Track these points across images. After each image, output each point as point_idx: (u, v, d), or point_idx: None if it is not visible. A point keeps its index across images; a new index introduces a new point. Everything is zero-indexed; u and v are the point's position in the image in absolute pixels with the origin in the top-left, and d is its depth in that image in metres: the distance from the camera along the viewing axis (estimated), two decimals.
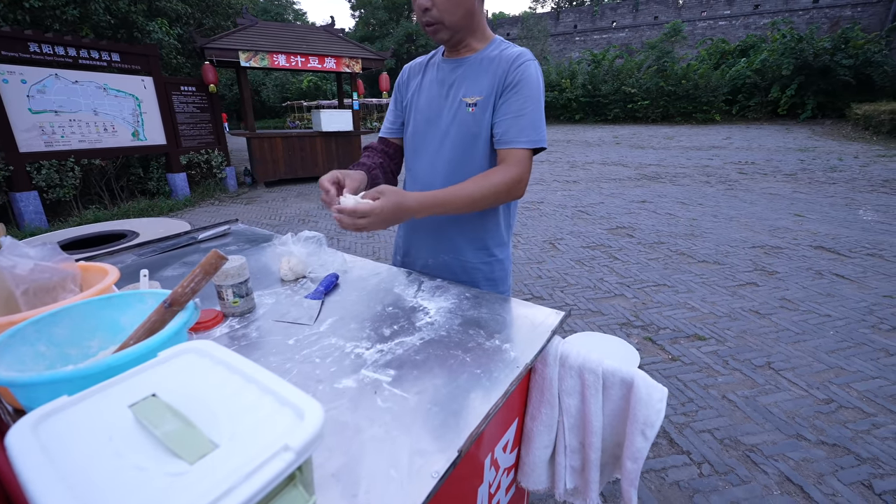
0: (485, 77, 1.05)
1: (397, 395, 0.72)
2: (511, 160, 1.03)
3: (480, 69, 1.06)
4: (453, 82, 1.10)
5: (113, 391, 0.49)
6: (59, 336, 0.65)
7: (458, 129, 1.09)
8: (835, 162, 8.44)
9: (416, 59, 1.24)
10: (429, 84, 1.15)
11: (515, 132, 1.02)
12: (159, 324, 0.61)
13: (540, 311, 1.00)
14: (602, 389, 0.86)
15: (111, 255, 1.44)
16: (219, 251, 0.64)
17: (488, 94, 1.05)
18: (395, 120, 1.25)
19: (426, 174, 1.16)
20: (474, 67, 1.07)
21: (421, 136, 1.16)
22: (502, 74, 1.03)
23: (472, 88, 1.06)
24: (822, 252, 3.90)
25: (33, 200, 5.35)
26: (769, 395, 2.06)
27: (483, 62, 1.07)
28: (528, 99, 1.01)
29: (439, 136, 1.12)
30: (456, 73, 1.09)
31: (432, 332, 0.91)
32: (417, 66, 1.21)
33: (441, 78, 1.12)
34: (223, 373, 0.52)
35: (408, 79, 1.22)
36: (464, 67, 1.08)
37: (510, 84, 1.02)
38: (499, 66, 1.04)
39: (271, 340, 0.90)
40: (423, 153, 1.17)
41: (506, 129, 1.03)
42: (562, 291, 3.27)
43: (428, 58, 1.21)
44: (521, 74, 1.01)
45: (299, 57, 7.50)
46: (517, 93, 1.01)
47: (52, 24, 6.37)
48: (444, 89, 1.11)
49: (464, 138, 1.09)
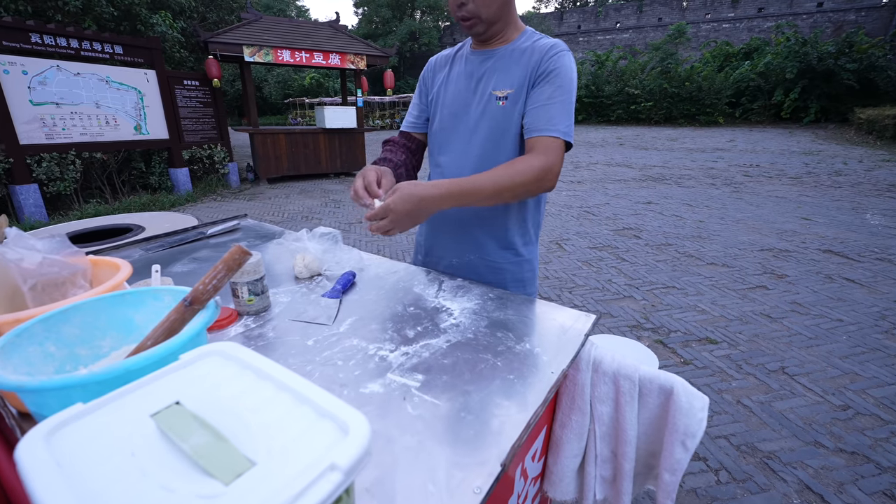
0: (516, 68, 1.00)
1: (427, 401, 0.68)
2: (538, 148, 0.96)
3: (511, 61, 1.01)
4: (482, 75, 1.05)
5: (132, 398, 0.44)
6: (69, 335, 0.60)
7: (488, 124, 1.04)
8: (840, 166, 8.41)
9: (441, 52, 1.20)
10: (456, 77, 1.10)
11: (545, 121, 0.96)
12: (179, 323, 0.56)
13: (568, 313, 0.96)
14: (638, 397, 0.82)
15: (117, 249, 1.39)
16: (242, 246, 0.59)
17: (520, 87, 1.00)
18: (419, 114, 1.20)
19: (454, 171, 1.11)
20: (505, 59, 1.02)
21: (448, 132, 1.11)
22: (535, 65, 0.98)
23: (502, 81, 1.01)
24: (830, 256, 3.86)
25: (33, 193, 5.29)
26: (784, 400, 2.02)
27: (514, 53, 1.02)
28: (559, 89, 0.96)
29: (468, 131, 1.07)
30: (485, 66, 1.05)
31: (458, 335, 0.87)
32: (443, 58, 1.17)
33: (469, 71, 1.07)
34: (252, 378, 0.48)
35: (433, 72, 1.18)
36: (494, 59, 1.04)
37: (543, 74, 0.97)
38: (531, 57, 0.99)
39: (289, 341, 0.85)
40: (451, 149, 1.11)
41: (535, 118, 0.97)
42: (570, 292, 3.23)
43: (455, 50, 1.15)
44: (554, 64, 0.96)
45: (304, 52, 7.44)
46: (549, 82, 0.97)
47: (53, 15, 6.31)
48: (473, 82, 1.06)
49: (493, 133, 1.04)
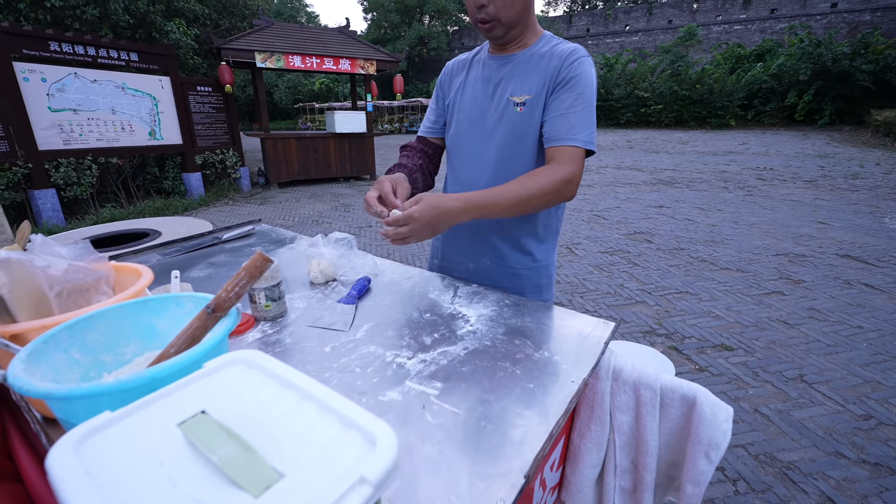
0: (534, 74, 0.99)
1: (447, 409, 0.67)
2: (560, 158, 0.95)
3: (529, 66, 1.00)
4: (500, 80, 1.04)
5: (158, 406, 0.45)
6: (94, 342, 0.61)
7: (505, 130, 1.03)
8: (856, 169, 8.26)
9: (457, 57, 1.19)
10: (473, 82, 1.09)
11: (566, 129, 0.95)
12: (202, 331, 0.56)
13: (586, 320, 0.95)
14: (660, 406, 0.80)
15: (135, 254, 1.41)
16: (264, 252, 0.59)
17: (538, 93, 0.98)
18: (437, 119, 1.20)
19: (470, 176, 1.10)
20: (523, 64, 1.01)
21: (465, 137, 1.11)
22: (554, 71, 0.97)
23: (520, 87, 1.00)
24: (849, 261, 3.78)
25: (51, 198, 5.39)
26: (804, 409, 1.98)
27: (532, 59, 1.01)
28: (580, 97, 0.95)
29: (484, 136, 1.07)
30: (503, 71, 1.04)
31: (476, 342, 0.86)
32: (460, 63, 1.16)
33: (486, 75, 1.06)
34: (276, 387, 0.48)
35: (450, 76, 1.17)
36: (511, 65, 1.03)
37: (562, 81, 0.96)
38: (550, 63, 0.97)
39: (306, 347, 0.85)
40: (467, 154, 1.11)
41: (555, 127, 0.96)
42: (581, 297, 3.20)
43: (472, 54, 1.15)
44: (574, 70, 0.95)
45: (314, 58, 7.52)
46: (570, 90, 0.95)
47: (72, 24, 6.45)
48: (490, 87, 1.05)
49: (511, 139, 1.03)
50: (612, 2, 42.35)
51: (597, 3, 44.18)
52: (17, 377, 0.46)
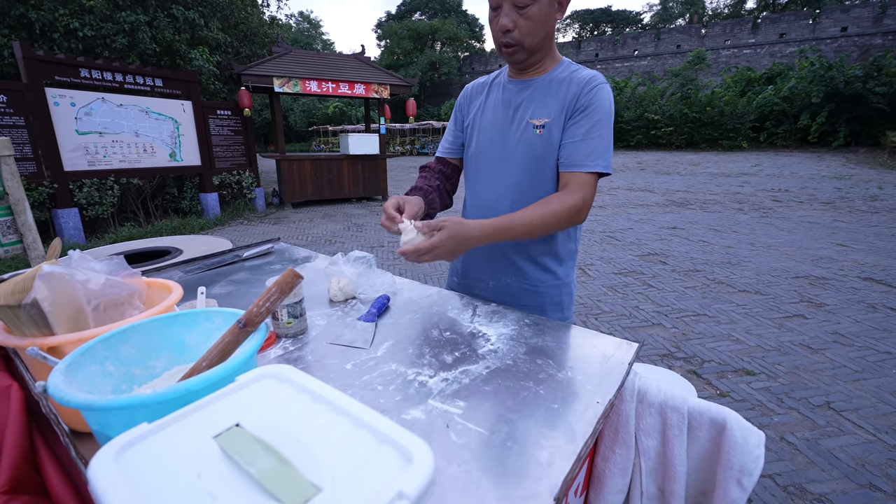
0: (553, 99, 1.02)
1: (471, 429, 0.67)
2: (573, 185, 0.99)
3: (549, 91, 1.04)
4: (520, 104, 1.07)
5: (194, 419, 0.45)
6: (127, 355, 0.62)
7: (525, 151, 1.05)
8: (875, 190, 8.14)
9: (476, 80, 1.23)
10: (493, 105, 1.12)
11: (581, 156, 0.99)
12: (233, 345, 0.57)
13: (608, 340, 0.94)
14: (688, 430, 0.78)
15: (159, 271, 1.44)
16: (294, 269, 0.60)
17: (557, 116, 1.02)
18: (455, 140, 1.23)
19: (489, 195, 1.13)
20: (542, 89, 1.05)
21: (485, 157, 1.13)
22: (573, 97, 1.00)
23: (539, 110, 1.04)
24: (872, 284, 3.69)
25: (73, 217, 5.55)
26: (833, 438, 1.90)
27: (552, 84, 1.04)
28: (597, 123, 0.98)
29: (504, 157, 1.09)
30: (523, 95, 1.07)
31: (497, 361, 0.86)
32: (479, 85, 1.19)
33: (507, 99, 1.09)
34: (307, 402, 0.48)
35: (469, 98, 1.20)
36: (531, 89, 1.06)
37: (581, 107, 0.99)
38: (569, 89, 1.01)
39: (328, 364, 0.86)
40: (487, 174, 1.13)
41: (571, 153, 1.00)
42: (596, 319, 3.16)
43: (491, 78, 1.18)
44: (592, 97, 0.98)
45: (330, 83, 7.75)
46: (587, 116, 0.98)
47: (101, 52, 6.76)
48: (510, 111, 1.08)
49: (530, 160, 1.05)
50: (621, 27, 43.21)
51: (605, 28, 45.11)
52: (58, 388, 0.47)
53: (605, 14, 45.24)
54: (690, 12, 40.16)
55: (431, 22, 36.30)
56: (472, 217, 1.16)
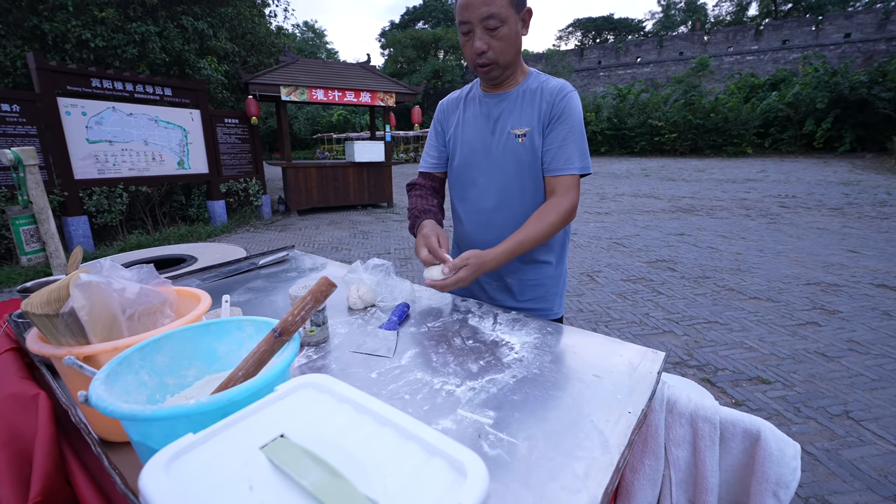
0: (529, 109, 1.12)
1: (504, 440, 0.66)
2: (560, 189, 1.11)
3: (524, 102, 1.13)
4: (499, 116, 1.16)
5: (238, 429, 0.45)
6: (161, 364, 0.62)
7: (509, 159, 1.15)
8: (883, 196, 8.08)
9: (448, 96, 1.32)
10: (473, 118, 1.21)
11: (563, 161, 1.10)
12: (269, 354, 0.57)
13: (634, 349, 0.93)
14: (719, 441, 0.77)
15: (174, 279, 1.44)
16: (329, 278, 0.60)
17: (536, 125, 1.12)
18: (440, 155, 1.31)
19: (478, 202, 1.22)
20: (518, 101, 1.14)
21: (470, 168, 1.22)
22: (548, 107, 1.10)
23: (518, 120, 1.13)
24: (885, 291, 3.65)
25: (83, 225, 5.59)
26: (853, 448, 1.87)
27: (526, 95, 1.13)
28: (571, 129, 1.09)
29: (491, 166, 1.18)
30: (501, 107, 1.16)
31: (523, 370, 0.85)
32: (453, 101, 1.28)
33: (485, 112, 1.18)
34: (350, 412, 0.48)
35: (446, 114, 1.29)
36: (507, 101, 1.15)
37: (555, 116, 1.09)
38: (543, 99, 1.11)
39: (353, 373, 0.85)
40: (474, 183, 1.22)
41: (553, 158, 1.11)
42: (606, 326, 3.14)
43: (464, 93, 1.27)
44: (564, 106, 1.09)
45: (336, 91, 7.81)
46: (562, 123, 1.09)
47: (112, 62, 6.85)
48: (491, 123, 1.17)
49: (516, 167, 1.15)
50: (623, 35, 43.42)
51: (608, 36, 45.34)
52: (101, 398, 0.47)
53: (607, 22, 45.50)
54: (693, 20, 40.33)
55: (435, 31, 36.61)
56: (467, 224, 1.28)
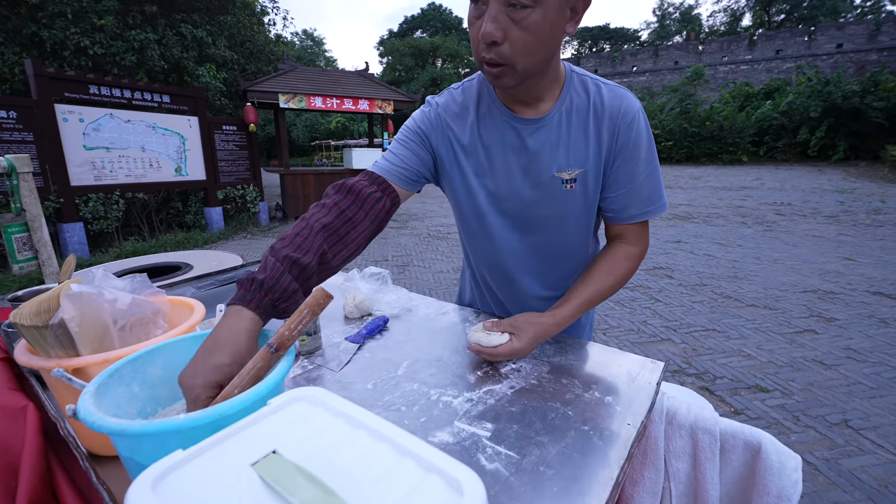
0: (581, 140, 0.81)
1: (502, 453, 0.65)
2: (631, 238, 0.90)
3: (571, 128, 0.81)
4: (538, 151, 0.82)
5: (229, 445, 0.44)
6: (153, 376, 0.61)
7: (550, 210, 0.87)
8: (878, 204, 8.15)
9: (446, 94, 0.91)
10: (497, 148, 0.85)
11: (637, 207, 0.85)
12: (265, 370, 0.56)
13: (633, 359, 0.92)
14: (720, 453, 0.76)
15: (169, 287, 1.42)
16: (324, 289, 0.60)
17: (593, 165, 0.82)
18: (412, 165, 0.86)
19: (501, 262, 0.97)
20: (563, 127, 0.81)
21: (494, 216, 0.91)
22: (610, 139, 0.80)
23: (566, 159, 0.82)
24: (881, 298, 3.66)
25: (78, 231, 5.56)
26: (853, 457, 1.86)
27: (571, 117, 0.80)
28: (645, 163, 0.82)
29: (520, 219, 0.91)
30: (539, 139, 0.82)
31: (521, 381, 0.84)
32: (460, 107, 0.87)
33: (514, 143, 0.83)
34: (345, 426, 0.47)
35: (444, 126, 0.88)
36: (547, 129, 0.81)
37: (622, 148, 0.80)
38: (601, 124, 0.80)
39: (348, 384, 0.84)
40: (495, 241, 0.94)
41: (625, 205, 0.86)
42: (604, 334, 3.13)
43: (473, 100, 0.86)
44: (634, 131, 0.79)
45: (335, 99, 7.85)
46: (633, 157, 0.81)
47: (111, 69, 6.87)
48: (523, 159, 0.84)
49: (557, 219, 0.89)
50: (619, 44, 43.93)
51: (604, 45, 45.85)
52: (89, 412, 0.46)
53: (603, 31, 46.04)
54: (687, 30, 40.84)
55: (433, 39, 36.95)
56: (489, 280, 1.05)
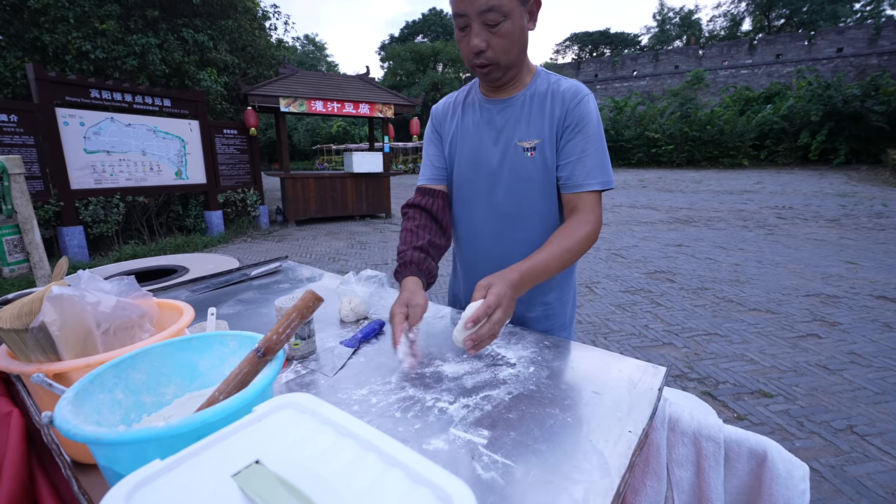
0: (539, 117, 0.98)
1: (499, 461, 0.63)
2: (583, 208, 0.96)
3: (533, 109, 0.99)
4: (503, 125, 1.02)
5: (210, 455, 0.41)
6: (137, 381, 0.59)
7: (515, 175, 1.02)
8: (879, 208, 8.12)
9: (443, 99, 1.16)
10: (473, 127, 1.06)
11: (583, 175, 0.96)
12: (251, 375, 0.54)
13: (633, 364, 0.90)
14: (724, 461, 0.74)
15: (165, 290, 1.41)
16: (315, 291, 0.58)
17: (548, 136, 0.98)
18: (440, 165, 1.14)
19: (478, 226, 1.10)
20: (525, 107, 1.00)
21: (471, 184, 1.08)
22: (561, 114, 0.96)
23: (527, 131, 0.99)
24: (885, 302, 3.63)
25: (78, 235, 5.56)
26: (858, 464, 1.83)
27: (534, 100, 0.99)
28: (590, 138, 0.96)
29: (492, 184, 1.05)
30: (505, 115, 1.02)
31: (519, 386, 0.82)
32: (451, 107, 1.13)
33: (487, 119, 1.04)
34: (332, 435, 0.45)
35: (441, 122, 1.14)
36: (513, 108, 1.01)
37: (571, 124, 0.96)
38: (555, 105, 0.97)
39: (342, 389, 0.82)
40: (473, 205, 1.09)
41: (571, 174, 0.97)
42: (605, 338, 3.10)
43: (462, 96, 1.12)
44: (581, 112, 0.95)
45: (335, 103, 7.85)
46: (579, 132, 0.95)
47: (112, 73, 6.89)
48: (494, 133, 1.03)
49: (520, 183, 1.02)
50: (619, 49, 44.07)
51: (604, 50, 46.01)
52: (65, 420, 0.44)
53: (603, 36, 46.21)
54: (687, 34, 40.98)
55: (433, 44, 37.12)
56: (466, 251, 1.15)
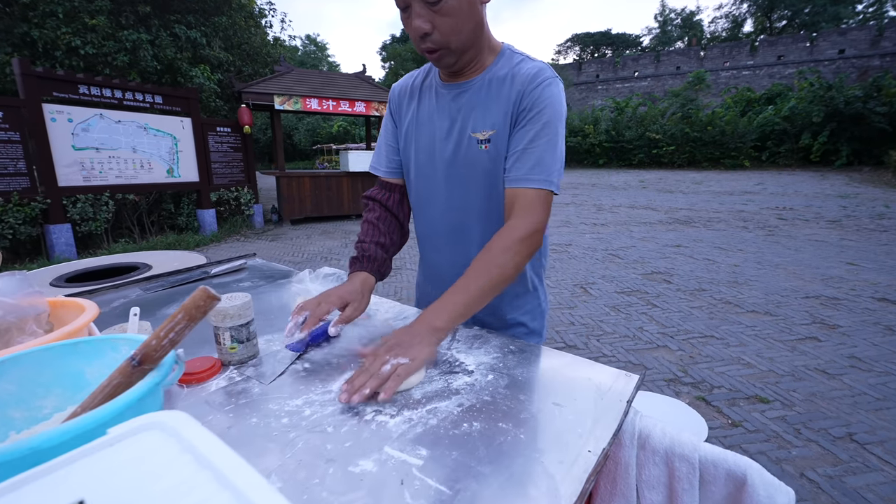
0: (496, 103, 0.86)
1: (431, 487, 0.54)
2: (522, 206, 0.83)
3: (490, 94, 0.87)
4: (457, 114, 0.90)
5: (27, 492, 0.33)
6: (3, 393, 0.50)
7: (469, 171, 0.91)
8: (881, 209, 8.01)
9: (402, 79, 1.03)
10: (428, 116, 0.95)
11: (528, 167, 0.83)
12: (123, 388, 0.45)
13: (604, 371, 0.81)
14: (699, 484, 0.65)
15: (115, 289, 1.32)
16: (208, 288, 0.49)
17: (502, 125, 0.86)
18: (395, 158, 1.04)
19: (434, 224, 1.01)
20: (482, 93, 0.87)
21: (428, 179, 0.98)
22: (517, 98, 0.84)
23: (481, 121, 0.87)
24: (887, 305, 3.53)
25: (66, 233, 5.47)
26: (858, 475, 1.74)
27: (492, 84, 0.87)
28: (544, 127, 0.82)
29: (446, 179, 0.94)
30: (460, 102, 0.89)
31: (473, 397, 0.73)
32: (411, 88, 1.00)
33: (442, 107, 0.92)
34: (189, 467, 0.36)
35: (398, 107, 1.02)
36: (469, 93, 0.88)
37: (526, 108, 0.83)
38: (512, 88, 0.84)
39: (274, 398, 0.73)
40: (429, 201, 1.00)
41: (513, 165, 0.85)
42: (598, 340, 3.01)
43: (420, 77, 1.00)
44: (538, 96, 0.82)
45: (331, 101, 7.78)
46: (533, 120, 0.83)
47: (102, 69, 6.82)
48: (447, 122, 0.91)
49: (477, 180, 0.91)
50: (621, 50, 43.99)
51: (605, 51, 45.92)
52: None
53: (605, 37, 46.12)
54: (689, 35, 40.87)
55: None
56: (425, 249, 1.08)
